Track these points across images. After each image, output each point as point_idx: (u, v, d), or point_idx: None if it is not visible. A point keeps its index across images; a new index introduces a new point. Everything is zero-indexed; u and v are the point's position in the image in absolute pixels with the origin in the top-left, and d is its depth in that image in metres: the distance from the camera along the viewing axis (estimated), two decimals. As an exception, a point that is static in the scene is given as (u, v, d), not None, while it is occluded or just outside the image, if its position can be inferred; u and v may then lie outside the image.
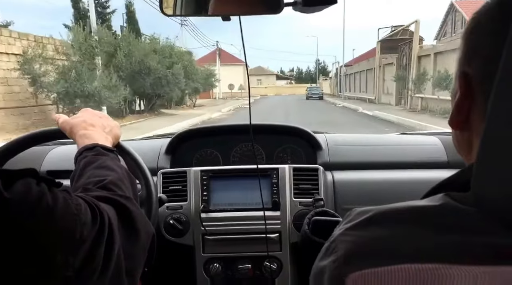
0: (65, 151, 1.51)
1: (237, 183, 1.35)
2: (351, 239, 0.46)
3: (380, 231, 0.45)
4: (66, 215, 0.53)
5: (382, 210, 0.47)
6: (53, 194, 0.53)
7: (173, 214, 1.30)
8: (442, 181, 0.48)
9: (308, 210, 1.29)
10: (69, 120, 0.95)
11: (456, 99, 0.48)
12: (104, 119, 0.97)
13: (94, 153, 0.83)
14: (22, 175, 0.52)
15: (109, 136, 0.94)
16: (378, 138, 1.71)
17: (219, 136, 1.55)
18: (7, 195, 0.49)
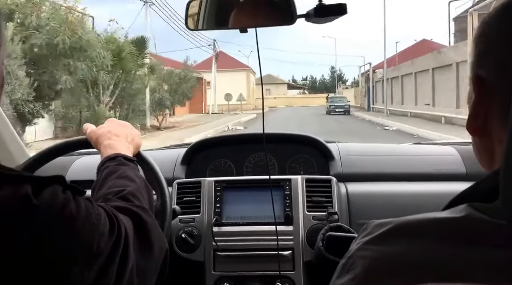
0: (90, 161, 1.59)
1: (250, 194, 1.37)
2: (369, 254, 0.44)
3: (400, 246, 0.42)
4: (87, 225, 0.56)
5: (401, 223, 0.45)
6: (77, 203, 0.56)
7: (185, 227, 1.32)
8: (464, 190, 0.46)
9: (322, 224, 1.28)
10: (96, 130, 1.02)
11: (471, 103, 0.49)
12: (127, 128, 1.04)
13: (116, 163, 0.89)
14: (51, 182, 0.56)
15: (131, 145, 1.00)
16: (392, 148, 1.72)
17: (233, 146, 1.61)
18: (36, 202, 0.52)
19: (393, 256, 0.42)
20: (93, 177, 0.96)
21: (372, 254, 0.43)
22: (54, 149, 1.12)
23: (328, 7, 1.10)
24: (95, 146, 1.00)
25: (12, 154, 1.36)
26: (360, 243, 0.46)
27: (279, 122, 18.17)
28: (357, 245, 0.46)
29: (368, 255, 0.44)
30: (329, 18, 1.14)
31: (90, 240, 0.56)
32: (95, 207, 0.59)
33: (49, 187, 0.55)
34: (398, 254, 0.42)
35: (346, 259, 0.46)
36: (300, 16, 1.12)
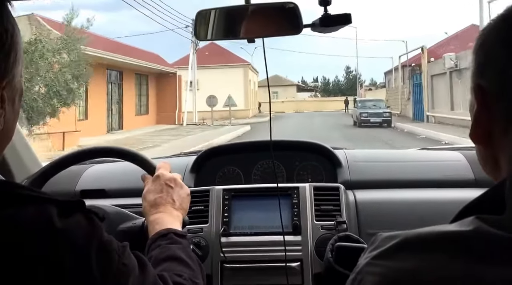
0: (102, 170, 1.67)
1: (258, 203, 1.40)
2: (378, 270, 0.44)
3: (409, 261, 0.42)
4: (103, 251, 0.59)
5: (409, 236, 0.45)
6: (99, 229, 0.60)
7: (193, 238, 1.33)
8: (470, 202, 0.47)
9: (330, 234, 1.30)
10: (147, 194, 1.03)
11: (474, 112, 0.51)
12: (176, 190, 1.04)
13: (167, 241, 0.90)
14: (75, 206, 0.59)
15: (179, 212, 1.02)
16: (398, 154, 1.77)
17: (241, 154, 1.66)
18: (59, 225, 0.55)
19: (402, 273, 0.42)
20: (105, 186, 1.01)
21: (381, 271, 0.43)
22: (67, 158, 1.19)
23: (334, 17, 1.13)
24: (143, 210, 1.03)
25: (25, 163, 1.43)
26: (369, 257, 0.46)
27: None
28: (365, 260, 0.46)
29: (377, 272, 0.44)
30: (334, 28, 1.20)
31: (105, 268, 0.58)
32: (119, 244, 0.63)
33: (73, 211, 0.58)
34: (407, 271, 0.42)
35: (355, 275, 0.47)
36: (306, 26, 1.19)
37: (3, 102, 0.62)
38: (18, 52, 0.64)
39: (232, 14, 1.15)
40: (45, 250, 0.54)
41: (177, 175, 1.08)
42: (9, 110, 0.64)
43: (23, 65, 0.68)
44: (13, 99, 0.66)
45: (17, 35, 0.64)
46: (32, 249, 0.53)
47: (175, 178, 1.06)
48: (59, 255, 0.54)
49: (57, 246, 0.54)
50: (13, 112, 0.66)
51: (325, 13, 1.18)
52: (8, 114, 0.64)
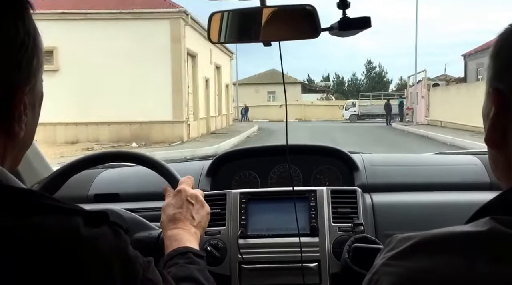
0: (114, 174, 1.80)
1: (275, 206, 1.51)
2: (395, 270, 0.46)
3: (425, 261, 0.45)
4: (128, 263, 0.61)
5: (425, 237, 0.48)
6: (124, 240, 0.62)
7: (211, 240, 1.44)
8: (485, 203, 0.50)
9: (347, 236, 1.40)
10: (166, 209, 1.06)
11: (491, 116, 0.54)
12: (196, 207, 1.08)
13: (185, 261, 0.94)
14: (101, 217, 0.61)
15: (198, 230, 1.06)
16: (415, 158, 1.87)
17: (258, 158, 1.78)
18: (85, 234, 0.57)
19: (418, 272, 0.44)
20: (118, 190, 1.02)
21: (397, 270, 0.46)
22: (79, 162, 1.26)
23: (352, 21, 1.13)
24: (160, 225, 1.07)
25: (35, 168, 1.50)
26: (385, 258, 0.49)
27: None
28: (381, 260, 0.49)
29: (393, 271, 0.46)
30: (352, 32, 1.20)
31: (129, 282, 0.61)
32: (145, 259, 0.66)
33: (99, 222, 0.60)
34: (423, 271, 0.44)
35: (371, 275, 0.49)
36: (324, 29, 1.19)
37: (25, 108, 0.65)
38: (40, 57, 0.67)
39: (246, 17, 1.17)
40: (70, 259, 0.56)
41: (199, 191, 1.12)
42: (30, 116, 0.67)
43: (43, 69, 0.71)
44: (34, 105, 0.69)
45: (39, 40, 0.67)
46: (57, 257, 0.55)
47: (197, 195, 1.10)
48: (84, 265, 0.56)
49: (83, 255, 0.57)
50: (34, 118, 0.70)
51: (343, 16, 1.20)
52: (29, 120, 0.67)
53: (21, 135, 0.65)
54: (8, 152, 0.66)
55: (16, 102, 0.63)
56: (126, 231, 0.65)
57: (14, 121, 0.63)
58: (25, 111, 0.65)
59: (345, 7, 1.17)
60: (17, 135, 0.65)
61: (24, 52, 0.63)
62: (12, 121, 0.63)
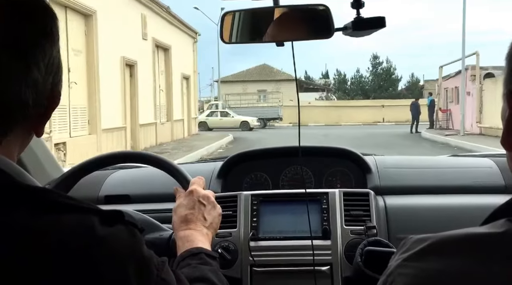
0: (125, 176, 2.00)
1: (287, 208, 1.68)
2: (410, 272, 0.52)
3: (441, 263, 0.50)
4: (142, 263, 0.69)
5: (440, 238, 0.53)
6: (139, 240, 0.71)
7: (222, 242, 1.61)
8: (502, 205, 0.55)
9: (360, 239, 1.55)
10: (178, 210, 1.20)
11: (506, 118, 0.59)
12: (208, 208, 1.21)
13: (198, 261, 1.05)
14: (116, 217, 0.69)
15: (210, 231, 1.19)
16: (429, 160, 2.07)
17: (269, 159, 1.98)
18: (100, 233, 0.65)
19: (434, 273, 0.50)
20: (129, 191, 1.16)
21: (412, 271, 0.52)
22: (89, 164, 1.43)
23: (367, 21, 1.28)
24: (172, 226, 1.20)
25: (45, 169, 1.65)
26: (400, 259, 0.55)
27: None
28: (396, 262, 0.55)
29: (408, 272, 0.52)
30: (367, 32, 1.34)
31: (143, 281, 0.68)
32: (159, 259, 0.75)
33: (115, 221, 0.68)
34: (439, 272, 0.50)
35: (386, 277, 0.56)
36: (337, 29, 1.33)
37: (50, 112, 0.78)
38: (61, 63, 0.78)
39: (259, 16, 1.31)
40: (86, 257, 0.63)
41: (211, 193, 1.26)
42: None
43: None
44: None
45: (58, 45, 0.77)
46: (72, 255, 0.62)
47: (208, 196, 1.23)
48: (99, 263, 0.64)
49: (98, 254, 0.64)
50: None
51: (357, 16, 1.34)
52: None
53: (42, 135, 0.78)
54: (21, 150, 0.78)
55: (52, 107, 0.75)
56: (141, 230, 0.73)
57: (42, 125, 0.76)
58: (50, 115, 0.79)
59: (359, 6, 1.31)
60: (41, 134, 0.77)
61: (57, 53, 0.75)
62: (41, 124, 0.76)
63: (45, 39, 0.72)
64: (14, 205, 0.64)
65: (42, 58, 0.71)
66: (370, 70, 53.88)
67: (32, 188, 0.69)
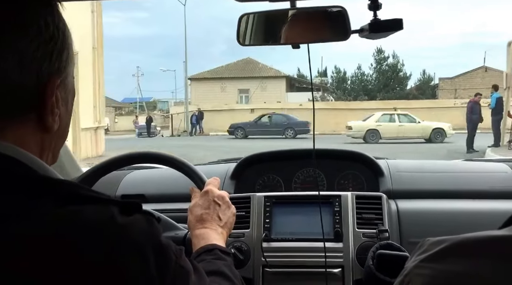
0: (141, 176, 2.37)
1: (299, 210, 2.01)
2: (427, 272, 0.60)
3: (458, 264, 0.57)
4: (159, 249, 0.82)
5: (458, 240, 0.61)
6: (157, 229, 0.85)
7: (234, 242, 1.92)
8: None
9: (372, 242, 1.84)
10: (194, 209, 1.45)
11: None
12: (223, 208, 1.46)
13: (212, 257, 1.27)
14: (135, 207, 0.84)
15: (224, 230, 1.43)
16: (443, 164, 2.41)
17: (282, 161, 2.33)
18: (121, 222, 0.79)
19: (451, 275, 0.57)
20: (144, 191, 1.42)
21: (429, 272, 0.60)
22: (107, 164, 1.74)
23: (384, 23, 1.49)
24: (188, 224, 1.45)
25: (66, 169, 1.88)
26: (417, 260, 0.64)
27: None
28: (413, 263, 0.64)
29: (426, 273, 0.60)
30: (384, 34, 1.57)
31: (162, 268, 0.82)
32: (177, 247, 0.89)
33: (133, 211, 0.83)
34: (457, 274, 0.57)
35: (403, 277, 0.65)
36: (354, 31, 1.57)
37: (57, 101, 0.89)
38: (70, 52, 0.93)
39: (275, 18, 1.55)
40: (107, 245, 0.76)
41: (225, 193, 1.51)
42: (63, 111, 0.93)
43: (74, 66, 0.97)
44: (67, 100, 0.95)
45: (68, 35, 0.93)
46: (94, 243, 0.75)
47: (223, 196, 1.49)
48: (120, 250, 0.77)
49: (119, 241, 0.77)
50: (67, 113, 0.96)
51: (374, 18, 1.55)
52: (62, 114, 0.92)
53: (55, 127, 0.89)
54: (45, 145, 0.91)
55: (48, 93, 0.86)
56: (158, 220, 0.88)
57: (48, 113, 0.87)
58: (58, 104, 0.89)
59: (376, 8, 1.53)
60: (51, 127, 0.89)
61: (54, 45, 0.86)
62: (46, 112, 0.87)
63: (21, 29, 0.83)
64: (37, 197, 0.77)
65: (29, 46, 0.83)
66: (374, 67, 52.93)
67: (55, 181, 0.83)
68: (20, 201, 0.76)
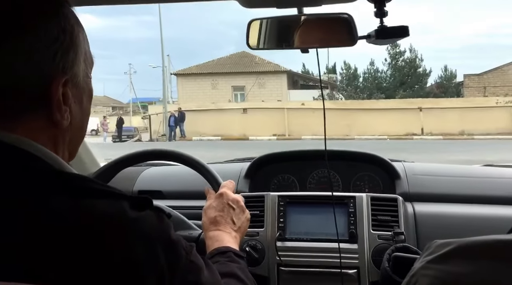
0: (157, 172, 2.75)
1: (314, 210, 2.29)
2: (432, 273, 0.68)
3: (464, 266, 0.65)
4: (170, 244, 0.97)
5: (465, 243, 0.69)
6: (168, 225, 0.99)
7: (249, 241, 2.21)
8: None
9: (387, 244, 2.09)
10: (208, 210, 1.68)
11: None
12: (237, 212, 1.68)
13: (226, 259, 1.45)
14: (145, 202, 0.97)
15: (238, 234, 1.64)
16: (460, 169, 2.73)
17: (297, 162, 2.67)
18: (131, 215, 0.92)
19: (457, 276, 0.65)
20: (161, 187, 1.89)
21: (435, 273, 0.69)
22: (125, 159, 2.04)
23: (390, 30, 1.75)
24: (202, 225, 1.68)
25: (84, 163, 2.27)
26: (423, 262, 0.73)
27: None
28: (420, 264, 0.74)
29: (431, 274, 0.69)
30: (390, 40, 1.85)
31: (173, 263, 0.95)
32: (187, 243, 1.04)
33: (144, 207, 0.96)
34: (462, 275, 0.65)
35: (410, 277, 0.74)
36: (361, 37, 1.84)
37: (67, 99, 1.02)
38: (79, 51, 1.05)
39: (284, 24, 1.85)
40: (118, 238, 0.88)
41: (240, 197, 1.74)
42: (75, 108, 1.06)
43: (91, 66, 1.13)
44: (80, 98, 1.08)
45: (78, 36, 1.05)
46: (106, 236, 0.87)
47: (238, 200, 1.71)
48: (130, 244, 0.89)
49: (130, 235, 0.90)
50: (81, 111, 1.09)
51: (381, 25, 1.74)
52: (74, 112, 1.05)
53: (64, 124, 1.01)
54: (58, 141, 1.03)
55: (52, 90, 0.98)
56: (169, 216, 1.01)
57: (55, 109, 0.99)
58: (67, 102, 1.01)
59: (382, 15, 1.70)
60: (60, 123, 1.01)
61: (59, 46, 0.99)
62: (53, 109, 0.99)
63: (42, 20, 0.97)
64: (53, 191, 0.89)
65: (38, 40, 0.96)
66: (388, 63, 52.06)
67: (69, 175, 0.96)
68: (37, 194, 0.88)
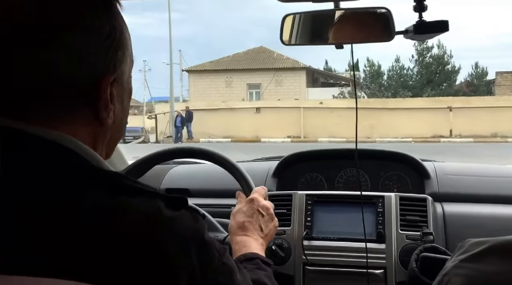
0: (185, 171, 2.88)
1: (341, 210, 2.41)
2: (466, 272, 0.71)
3: (498, 265, 0.67)
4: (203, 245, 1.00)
5: (499, 242, 0.72)
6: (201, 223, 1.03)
7: (276, 239, 2.29)
8: None
9: (415, 244, 2.17)
10: (237, 216, 1.72)
11: None
12: (266, 219, 1.73)
13: (254, 266, 1.49)
14: (181, 201, 1.01)
15: (264, 241, 1.69)
16: (492, 169, 2.84)
17: (325, 160, 2.80)
18: (167, 214, 0.95)
19: (491, 275, 0.69)
20: (188, 185, 1.93)
21: (468, 272, 0.72)
22: (154, 157, 2.14)
23: (429, 24, 1.77)
24: (229, 229, 1.73)
25: (113, 161, 2.45)
26: (456, 261, 0.77)
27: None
28: (453, 263, 0.77)
29: (465, 273, 0.72)
30: (429, 35, 1.88)
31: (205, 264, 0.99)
32: (220, 245, 1.08)
33: (179, 206, 1.00)
34: (496, 274, 0.68)
35: (442, 277, 0.78)
36: (398, 32, 1.87)
37: (112, 97, 1.06)
38: (126, 51, 1.10)
39: (319, 19, 1.90)
40: (153, 237, 0.92)
41: (270, 204, 1.79)
42: (118, 107, 1.10)
43: (132, 66, 1.17)
44: (122, 97, 1.13)
45: (125, 34, 1.10)
46: (141, 234, 0.91)
47: (268, 207, 1.76)
48: (165, 243, 0.93)
49: (164, 233, 0.93)
50: (122, 110, 1.14)
51: (419, 19, 1.76)
52: (117, 111, 1.10)
53: (109, 122, 1.06)
54: (99, 139, 1.08)
55: (102, 89, 1.02)
56: (203, 216, 1.06)
57: (101, 108, 1.03)
58: (113, 100, 1.05)
59: (421, 10, 1.72)
60: (105, 121, 1.05)
61: (111, 43, 1.03)
62: (100, 107, 1.03)
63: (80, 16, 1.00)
64: (89, 186, 0.93)
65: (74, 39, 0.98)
66: (415, 59, 51.23)
67: (106, 172, 1.00)
68: (76, 190, 0.92)
